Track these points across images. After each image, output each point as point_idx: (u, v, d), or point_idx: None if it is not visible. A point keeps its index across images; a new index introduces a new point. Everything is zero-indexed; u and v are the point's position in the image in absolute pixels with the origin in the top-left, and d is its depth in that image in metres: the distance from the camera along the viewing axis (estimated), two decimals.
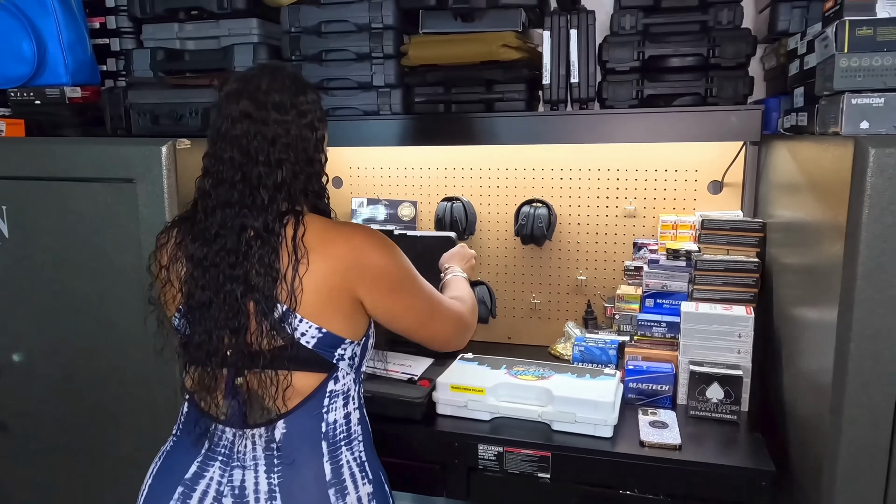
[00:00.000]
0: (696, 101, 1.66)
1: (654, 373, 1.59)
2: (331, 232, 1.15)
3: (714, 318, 1.55)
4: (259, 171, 1.12)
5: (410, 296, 1.21)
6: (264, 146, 1.12)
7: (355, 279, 1.14)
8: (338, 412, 1.19)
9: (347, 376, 1.20)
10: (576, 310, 2.02)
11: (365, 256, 1.14)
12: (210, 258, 1.13)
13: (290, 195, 1.15)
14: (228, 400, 1.15)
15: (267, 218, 1.11)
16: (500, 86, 1.76)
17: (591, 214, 1.96)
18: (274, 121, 1.13)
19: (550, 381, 1.53)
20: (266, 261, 1.10)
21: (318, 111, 1.19)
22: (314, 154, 1.18)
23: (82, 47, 1.95)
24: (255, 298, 1.10)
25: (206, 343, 1.13)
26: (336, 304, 1.14)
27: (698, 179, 1.87)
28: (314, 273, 1.11)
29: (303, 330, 1.12)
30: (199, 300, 1.13)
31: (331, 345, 1.15)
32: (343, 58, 1.86)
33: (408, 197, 2.11)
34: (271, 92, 1.14)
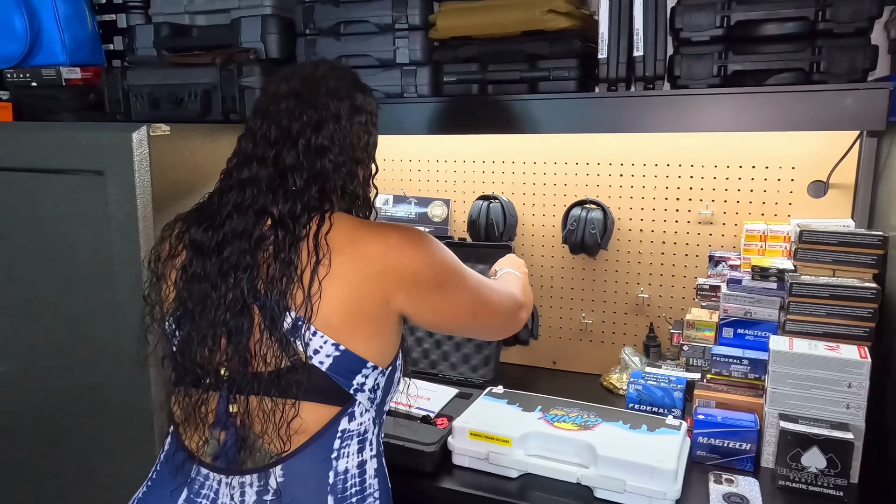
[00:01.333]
0: (797, 79, 1.29)
1: (732, 426, 1.24)
2: (362, 231, 0.98)
3: (815, 361, 1.19)
4: (297, 153, 0.98)
5: (457, 290, 1.04)
6: (307, 129, 0.99)
7: (393, 285, 0.96)
8: (351, 459, 0.97)
9: (366, 413, 0.99)
10: (635, 333, 1.68)
11: (403, 258, 0.96)
12: (214, 243, 0.94)
13: (325, 190, 0.98)
14: (217, 433, 0.94)
15: (295, 206, 0.95)
16: (545, 61, 1.44)
17: (657, 220, 1.62)
18: (324, 105, 1.01)
19: (596, 433, 1.21)
20: (283, 255, 0.92)
21: (374, 116, 1.09)
22: (360, 154, 1.05)
23: (81, 23, 1.76)
24: (263, 300, 0.91)
25: (197, 351, 0.94)
26: (363, 318, 0.95)
27: (795, 179, 1.49)
28: (338, 277, 0.93)
29: (316, 346, 0.92)
30: (195, 294, 0.94)
31: (349, 369, 0.95)
32: (363, 31, 1.59)
33: (439, 194, 1.82)
34: (328, 77, 1.04)
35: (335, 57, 1.60)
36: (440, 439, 1.26)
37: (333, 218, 0.96)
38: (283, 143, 0.98)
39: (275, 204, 0.95)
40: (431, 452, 1.23)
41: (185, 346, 0.96)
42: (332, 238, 0.94)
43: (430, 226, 1.83)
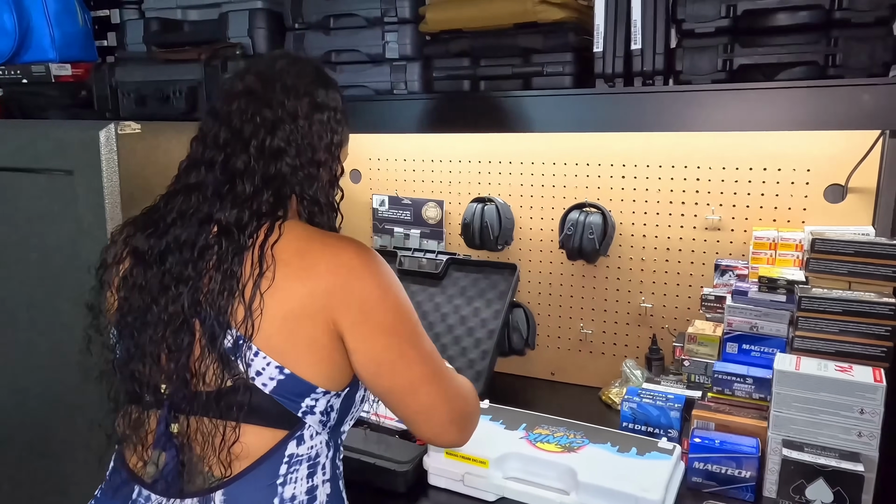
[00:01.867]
0: (810, 73, 1.17)
1: (731, 451, 1.14)
2: (313, 243, 0.90)
3: (823, 383, 1.09)
4: (248, 156, 0.91)
5: (407, 342, 0.90)
6: (261, 130, 0.92)
7: (339, 306, 0.87)
8: (299, 485, 0.90)
9: (318, 437, 0.92)
10: (637, 345, 1.58)
11: (355, 278, 0.88)
12: (156, 252, 0.88)
13: (280, 195, 0.92)
14: (157, 453, 0.88)
15: (242, 213, 0.88)
16: (539, 56, 1.35)
17: (661, 225, 1.51)
18: (280, 103, 0.94)
19: (580, 456, 1.12)
20: (225, 266, 0.86)
21: (338, 112, 1.00)
22: (323, 156, 0.96)
23: (72, 19, 1.73)
24: (204, 315, 0.85)
25: (136, 366, 0.88)
26: (308, 341, 0.87)
27: (811, 182, 1.38)
28: (282, 292, 0.86)
29: (259, 367, 0.86)
30: (135, 305, 0.88)
31: (296, 392, 0.88)
32: (352, 24, 1.52)
33: (434, 195, 1.74)
34: (286, 73, 0.96)
35: (324, 52, 1.53)
36: (415, 457, 1.18)
37: (285, 227, 0.89)
38: (233, 146, 0.91)
39: (221, 211, 0.88)
40: (404, 472, 1.15)
41: (125, 359, 0.90)
42: (280, 249, 0.87)
43: (425, 228, 1.76)
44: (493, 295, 1.60)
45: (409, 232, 1.77)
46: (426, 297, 1.67)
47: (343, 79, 1.53)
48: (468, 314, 1.60)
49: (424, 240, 1.76)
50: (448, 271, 1.67)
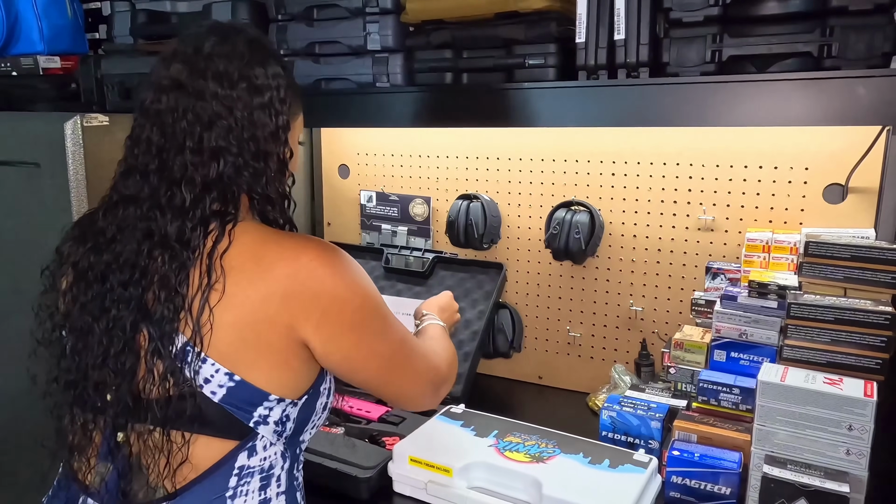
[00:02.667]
0: (805, 65, 1.10)
1: (711, 466, 1.08)
2: (269, 245, 0.85)
3: (810, 397, 1.01)
4: (185, 160, 0.84)
5: (377, 336, 0.90)
6: (196, 128, 0.84)
7: (299, 311, 0.83)
8: (251, 498, 0.86)
9: (272, 448, 0.88)
10: (627, 350, 1.52)
11: (316, 280, 0.83)
12: (97, 270, 0.84)
13: (226, 197, 0.85)
14: (103, 463, 0.85)
15: (185, 224, 0.82)
16: (521, 47, 1.29)
17: (652, 224, 1.45)
18: (213, 95, 0.85)
19: (548, 467, 1.07)
20: (170, 282, 0.81)
21: (282, 90, 0.90)
22: (269, 146, 0.88)
23: (60, 11, 1.72)
24: (149, 332, 0.81)
25: (78, 382, 0.84)
26: (262, 347, 0.83)
27: (809, 181, 1.30)
28: (234, 300, 0.81)
29: (207, 374, 0.82)
30: (76, 324, 0.84)
31: (247, 401, 0.84)
32: (334, 15, 1.48)
33: (421, 191, 1.70)
34: (215, 57, 0.86)
35: (305, 44, 1.50)
36: (380, 463, 1.14)
37: (236, 231, 0.84)
38: (167, 150, 0.84)
39: (163, 223, 0.82)
40: (367, 478, 1.11)
41: (69, 368, 0.86)
42: (231, 256, 0.82)
43: (412, 225, 1.72)
44: (478, 295, 1.55)
45: (397, 229, 1.73)
46: (412, 295, 1.62)
47: (326, 71, 1.50)
48: None
49: (412, 237, 1.72)
50: (434, 270, 1.62)
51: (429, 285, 1.62)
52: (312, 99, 1.51)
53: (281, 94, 0.89)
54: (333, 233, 1.83)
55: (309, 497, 1.12)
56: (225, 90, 0.85)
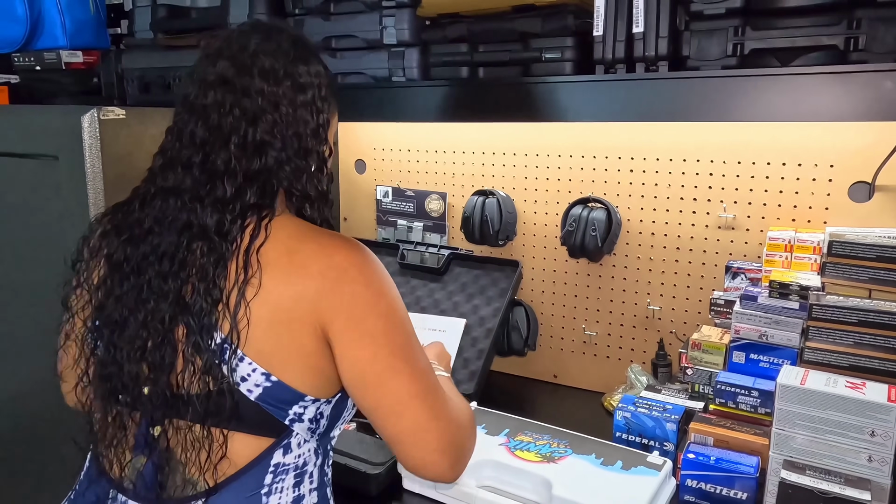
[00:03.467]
0: (830, 59, 1.07)
1: (728, 470, 1.05)
2: (305, 241, 0.84)
3: (830, 401, 0.98)
4: (229, 154, 0.84)
5: (399, 354, 0.82)
6: (241, 123, 0.84)
7: (327, 310, 0.81)
8: (285, 495, 0.86)
9: (305, 445, 0.88)
10: (644, 350, 1.49)
11: (347, 281, 0.81)
12: (134, 262, 0.83)
13: (266, 192, 0.85)
14: (137, 457, 0.85)
15: (224, 217, 0.82)
16: (538, 40, 1.28)
17: (671, 222, 1.42)
18: (259, 91, 0.85)
19: (559, 467, 1.05)
20: (208, 274, 0.80)
21: (323, 88, 0.91)
22: (311, 143, 0.88)
23: (83, 6, 1.74)
24: (188, 325, 0.80)
25: (114, 375, 0.83)
26: (296, 349, 0.82)
27: (834, 179, 1.26)
28: (270, 296, 0.80)
29: (244, 373, 0.81)
30: (111, 317, 0.84)
31: (283, 399, 0.83)
32: (350, 9, 1.47)
33: (437, 187, 1.69)
34: (261, 54, 0.87)
35: (322, 38, 1.49)
36: (389, 460, 1.13)
37: (272, 226, 0.83)
38: (212, 144, 0.84)
39: (201, 217, 0.82)
40: (376, 474, 1.11)
41: (104, 361, 0.86)
42: (267, 250, 0.81)
43: (428, 221, 1.71)
44: (493, 292, 1.54)
45: (412, 225, 1.72)
46: (426, 292, 1.61)
47: (342, 65, 1.49)
48: (467, 311, 1.54)
49: (427, 233, 1.71)
50: (450, 266, 1.61)
51: (444, 282, 1.61)
52: None
53: (322, 93, 0.90)
54: (349, 228, 1.83)
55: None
56: (270, 87, 0.85)
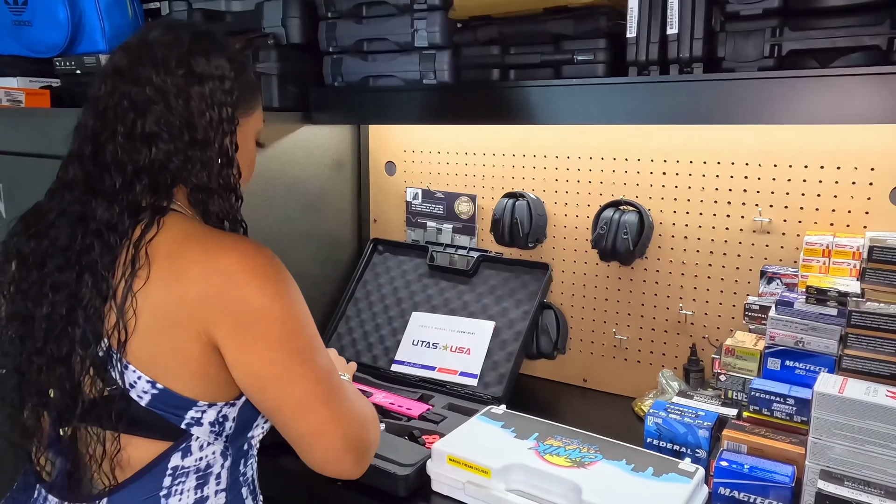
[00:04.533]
0: (872, 59, 1.05)
1: (762, 479, 1.03)
2: (190, 243, 0.82)
3: (870, 410, 0.96)
4: (116, 145, 0.83)
5: (297, 358, 0.82)
6: (129, 114, 0.83)
7: (211, 316, 0.79)
8: (186, 497, 0.85)
9: (209, 448, 0.87)
10: (675, 355, 1.47)
11: (233, 286, 0.79)
12: (36, 255, 0.84)
13: (158, 185, 0.85)
14: (52, 455, 0.87)
15: (113, 210, 0.82)
16: (570, 42, 1.27)
17: (704, 226, 1.40)
18: (148, 80, 0.84)
19: (589, 472, 1.04)
20: (97, 268, 0.80)
21: (227, 82, 0.87)
22: (209, 135, 0.85)
23: (121, 11, 1.78)
24: (81, 322, 0.80)
25: (23, 370, 0.84)
26: (178, 352, 0.80)
27: (874, 183, 1.23)
28: (148, 301, 0.79)
29: (131, 380, 0.81)
30: (16, 311, 0.85)
31: (175, 405, 0.82)
32: (382, 13, 1.48)
33: (467, 189, 1.69)
34: (155, 45, 0.86)
35: (354, 42, 1.51)
36: (419, 462, 1.14)
37: (165, 221, 0.82)
38: (101, 135, 0.83)
39: (94, 209, 0.82)
40: (405, 476, 1.11)
41: (12, 364, 0.86)
42: (154, 246, 0.80)
43: (457, 223, 1.71)
44: (523, 295, 1.53)
45: (442, 227, 1.72)
46: (455, 294, 1.61)
47: (374, 68, 1.50)
48: (496, 314, 1.53)
49: (457, 235, 1.71)
50: (479, 269, 1.61)
51: (473, 284, 1.60)
52: (361, 96, 1.52)
53: (225, 86, 0.87)
54: (379, 229, 1.84)
55: (347, 493, 1.14)
56: (160, 75, 0.83)
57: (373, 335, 1.63)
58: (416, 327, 1.58)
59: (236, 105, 0.88)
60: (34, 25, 1.75)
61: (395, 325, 1.62)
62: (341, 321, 1.69)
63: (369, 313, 1.68)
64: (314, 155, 1.69)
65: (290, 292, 0.83)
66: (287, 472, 1.18)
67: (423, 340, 1.55)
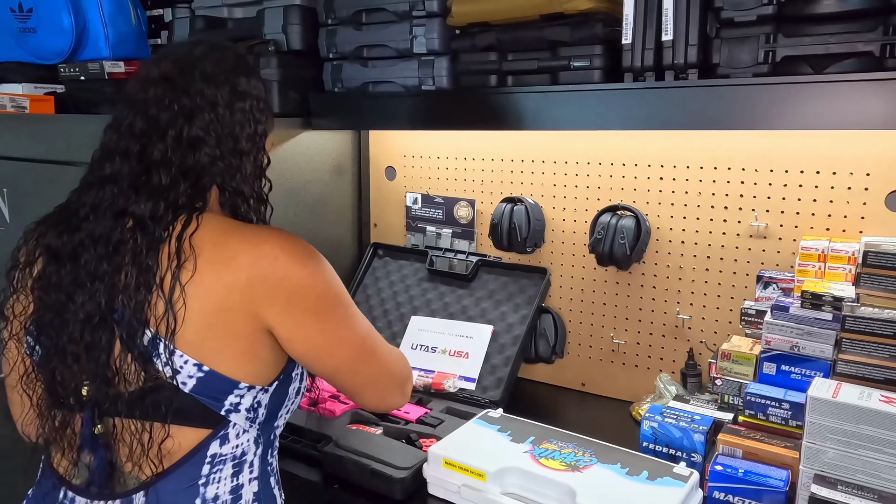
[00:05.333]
0: (865, 66, 1.05)
1: (756, 483, 1.04)
2: (232, 235, 0.88)
3: (864, 415, 0.96)
4: (165, 146, 0.88)
5: (342, 324, 0.94)
6: (179, 119, 0.89)
7: (263, 298, 0.85)
8: (223, 485, 0.89)
9: (244, 435, 0.91)
10: (673, 359, 1.48)
11: (279, 268, 0.86)
12: (70, 248, 0.86)
13: (199, 187, 0.90)
14: (85, 455, 0.87)
15: (158, 205, 0.86)
16: (566, 48, 1.28)
17: (701, 231, 1.40)
18: (198, 91, 0.90)
19: (584, 476, 1.05)
20: (140, 260, 0.83)
21: (261, 101, 0.97)
22: (247, 146, 0.94)
23: (125, 18, 1.80)
24: (121, 312, 0.83)
25: (56, 368, 0.86)
26: (228, 333, 0.85)
27: (870, 188, 1.23)
28: (199, 287, 0.84)
29: (177, 365, 0.84)
30: (51, 304, 0.86)
31: (218, 389, 0.86)
32: (381, 19, 1.50)
33: (466, 194, 1.70)
34: (205, 60, 0.93)
35: (354, 48, 1.52)
36: (415, 465, 1.14)
37: (202, 218, 0.87)
38: (149, 136, 0.88)
39: (136, 204, 0.85)
40: (401, 479, 1.12)
41: (44, 360, 0.88)
42: (197, 239, 0.85)
43: (457, 227, 1.72)
44: (521, 299, 1.54)
45: (441, 231, 1.73)
46: (454, 298, 1.62)
47: (373, 74, 1.52)
48: (495, 318, 1.54)
49: (456, 239, 1.72)
50: (478, 273, 1.62)
51: (472, 288, 1.61)
52: (360, 102, 1.54)
53: (260, 105, 0.96)
54: (379, 234, 1.85)
55: (345, 495, 1.15)
56: (209, 89, 0.90)
57: None
58: (415, 331, 1.59)
59: (267, 123, 0.97)
60: (39, 32, 1.77)
61: (394, 328, 1.63)
62: None
63: (369, 317, 1.67)
64: (315, 160, 1.70)
65: (327, 269, 0.92)
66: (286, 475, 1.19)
67: (422, 344, 1.56)
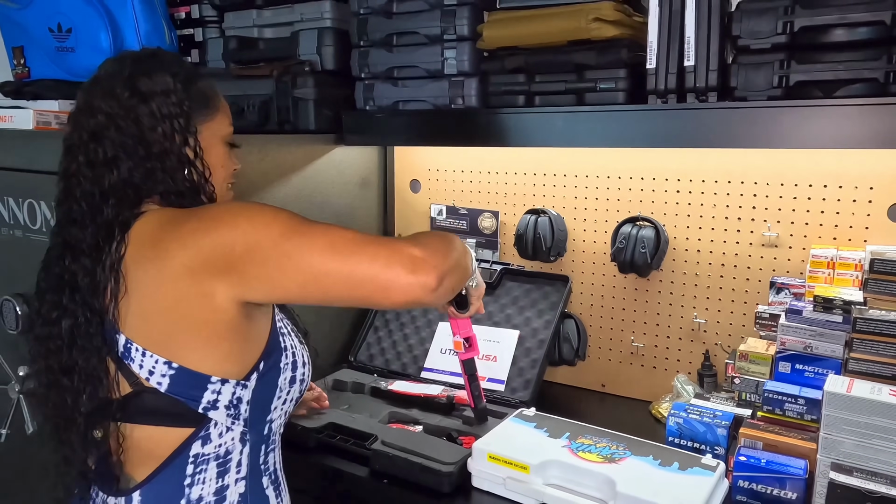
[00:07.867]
0: (871, 91, 1.16)
1: (778, 472, 1.13)
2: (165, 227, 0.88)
3: (876, 407, 1.06)
4: (81, 175, 0.90)
5: (308, 239, 0.83)
6: (88, 144, 0.91)
7: (203, 275, 0.83)
8: (207, 486, 0.92)
9: (228, 433, 0.92)
10: (690, 361, 1.57)
11: (199, 239, 0.84)
12: (41, 284, 0.95)
13: (125, 202, 0.91)
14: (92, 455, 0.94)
15: (85, 233, 0.89)
16: (592, 72, 1.38)
17: (716, 240, 1.50)
18: (98, 109, 0.91)
19: (620, 467, 1.14)
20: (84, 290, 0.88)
21: (175, 95, 0.93)
22: (166, 146, 0.92)
23: (160, 37, 1.88)
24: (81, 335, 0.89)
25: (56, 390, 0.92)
26: (188, 324, 0.86)
27: (874, 200, 1.34)
28: (148, 287, 0.86)
29: (149, 367, 0.87)
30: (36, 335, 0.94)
31: (191, 386, 0.88)
32: (413, 42, 1.59)
33: (489, 206, 1.79)
34: (103, 78, 0.94)
35: (385, 69, 1.61)
36: (460, 460, 1.22)
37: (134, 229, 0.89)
38: (69, 170, 0.92)
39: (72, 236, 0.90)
40: (449, 473, 1.20)
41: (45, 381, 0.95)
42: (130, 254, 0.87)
43: (480, 237, 1.81)
44: (545, 305, 1.63)
45: (466, 241, 1.82)
46: None
47: (404, 94, 1.60)
48: (520, 323, 1.63)
49: (480, 249, 1.81)
50: (502, 281, 1.71)
51: (496, 295, 1.70)
52: (391, 119, 1.62)
53: (172, 99, 0.93)
54: None
55: (394, 489, 1.22)
56: (109, 102, 0.90)
57: (401, 344, 1.72)
58: (443, 336, 1.67)
59: (190, 114, 0.94)
60: (77, 52, 1.84)
61: (423, 334, 1.71)
62: (370, 331, 1.78)
63: (397, 324, 1.77)
64: (344, 174, 1.79)
65: (267, 212, 0.85)
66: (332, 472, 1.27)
67: (451, 349, 1.64)
